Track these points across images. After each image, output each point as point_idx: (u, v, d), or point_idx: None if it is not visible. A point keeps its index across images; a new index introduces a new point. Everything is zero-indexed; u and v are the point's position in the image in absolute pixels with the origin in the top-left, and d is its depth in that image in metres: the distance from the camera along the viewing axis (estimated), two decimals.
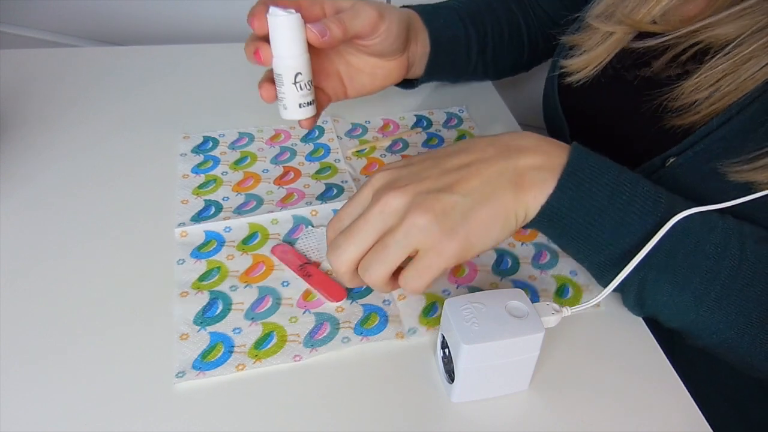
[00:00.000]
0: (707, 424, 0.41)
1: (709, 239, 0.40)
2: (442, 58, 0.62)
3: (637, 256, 0.40)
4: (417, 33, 0.59)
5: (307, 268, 0.50)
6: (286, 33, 0.46)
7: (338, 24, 0.47)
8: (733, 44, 0.44)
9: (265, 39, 0.47)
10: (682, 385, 0.44)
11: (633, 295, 0.44)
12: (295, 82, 0.48)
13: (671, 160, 0.46)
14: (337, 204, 0.57)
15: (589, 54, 0.53)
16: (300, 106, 0.50)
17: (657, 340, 0.47)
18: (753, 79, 0.43)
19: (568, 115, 0.60)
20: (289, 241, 0.53)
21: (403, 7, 0.58)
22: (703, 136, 0.45)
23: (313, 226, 0.54)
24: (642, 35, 0.51)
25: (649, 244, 0.39)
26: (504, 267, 0.52)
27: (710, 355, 0.46)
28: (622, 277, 0.40)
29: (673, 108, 0.47)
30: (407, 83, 0.64)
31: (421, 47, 0.60)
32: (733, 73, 0.44)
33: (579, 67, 0.54)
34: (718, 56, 0.44)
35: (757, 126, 0.43)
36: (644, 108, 0.50)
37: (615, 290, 0.42)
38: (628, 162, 0.43)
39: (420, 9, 0.60)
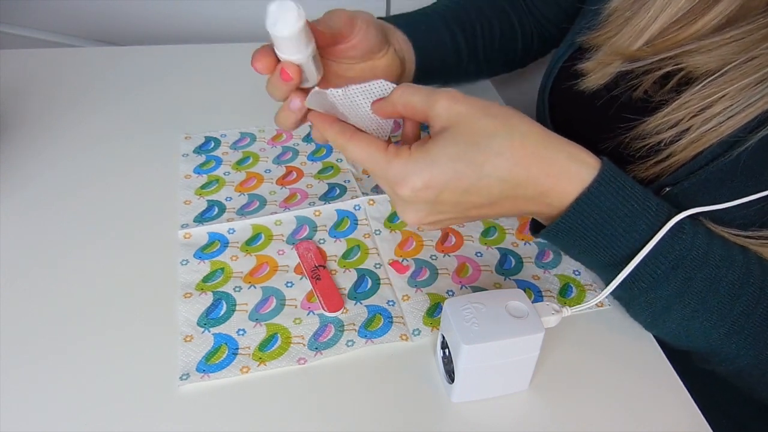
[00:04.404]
0: (707, 424, 0.42)
1: (727, 275, 0.41)
2: (429, 64, 0.60)
3: (639, 255, 0.40)
4: (393, 32, 0.56)
5: (319, 271, 0.50)
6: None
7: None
8: (702, 83, 0.43)
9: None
10: (682, 385, 0.44)
11: (644, 316, 0.45)
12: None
13: (667, 189, 0.46)
14: (339, 204, 0.57)
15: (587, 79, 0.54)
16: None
17: (657, 342, 0.47)
18: (725, 126, 0.42)
19: (558, 128, 0.60)
20: (294, 242, 0.53)
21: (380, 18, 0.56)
22: (696, 168, 0.44)
23: (316, 228, 0.55)
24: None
25: (651, 242, 0.40)
26: (507, 266, 0.52)
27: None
28: (623, 277, 0.41)
29: (637, 148, 0.47)
30: None
31: (403, 43, 0.58)
32: (699, 115, 0.43)
33: (589, 82, 0.54)
34: (684, 94, 0.44)
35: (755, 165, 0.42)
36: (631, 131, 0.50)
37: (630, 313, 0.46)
38: None
39: (394, 19, 0.58)
